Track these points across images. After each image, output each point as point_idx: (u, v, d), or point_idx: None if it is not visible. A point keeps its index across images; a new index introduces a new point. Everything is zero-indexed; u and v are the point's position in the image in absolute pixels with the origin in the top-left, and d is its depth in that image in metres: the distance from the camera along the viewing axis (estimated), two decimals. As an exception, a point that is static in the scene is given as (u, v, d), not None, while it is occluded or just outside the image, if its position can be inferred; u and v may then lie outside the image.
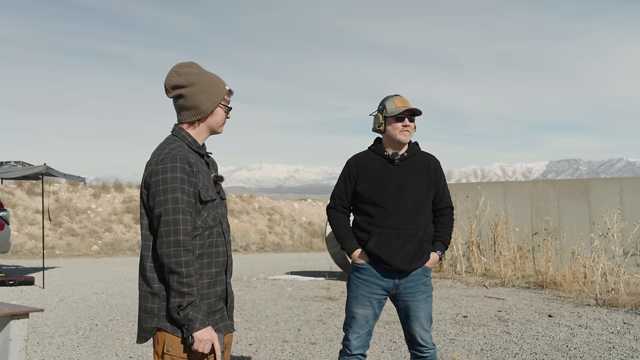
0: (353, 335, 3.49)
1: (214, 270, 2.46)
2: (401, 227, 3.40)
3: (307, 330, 6.94)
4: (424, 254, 3.46)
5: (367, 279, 3.47)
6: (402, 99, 3.50)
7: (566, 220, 12.47)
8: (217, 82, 2.51)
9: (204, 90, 2.47)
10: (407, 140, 3.48)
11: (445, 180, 3.64)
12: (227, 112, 2.55)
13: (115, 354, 5.84)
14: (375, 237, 3.40)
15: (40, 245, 20.23)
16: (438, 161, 3.62)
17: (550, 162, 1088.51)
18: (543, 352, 5.76)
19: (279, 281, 12.15)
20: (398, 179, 3.46)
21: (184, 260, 2.30)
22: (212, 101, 2.48)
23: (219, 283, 2.48)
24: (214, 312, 2.45)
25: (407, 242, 3.40)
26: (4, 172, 11.56)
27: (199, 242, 2.42)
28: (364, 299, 3.47)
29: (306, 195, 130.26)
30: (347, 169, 3.57)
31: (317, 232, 27.08)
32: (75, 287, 11.12)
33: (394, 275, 3.45)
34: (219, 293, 2.48)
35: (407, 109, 3.44)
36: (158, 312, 2.39)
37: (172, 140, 2.48)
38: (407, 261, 3.40)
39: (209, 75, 2.52)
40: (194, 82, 2.46)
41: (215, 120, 2.52)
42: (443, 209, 3.60)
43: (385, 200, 3.41)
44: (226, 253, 2.52)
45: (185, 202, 2.34)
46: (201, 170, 2.46)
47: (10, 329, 3.55)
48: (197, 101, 2.47)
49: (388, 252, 3.38)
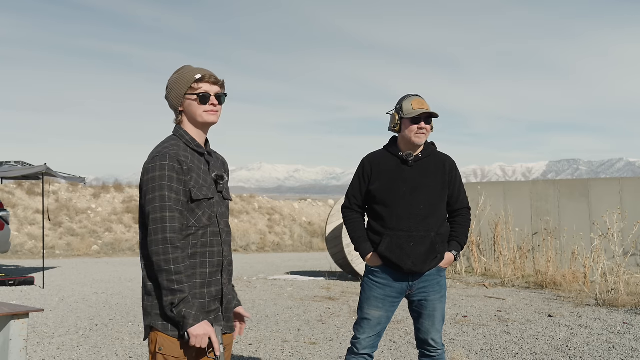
0: (363, 335, 3.49)
1: (207, 270, 2.43)
2: (412, 229, 3.39)
3: (307, 330, 6.94)
4: (437, 255, 3.44)
5: (381, 281, 3.47)
6: (420, 100, 3.46)
7: (566, 220, 12.47)
8: (184, 76, 2.49)
9: (172, 88, 2.52)
10: (422, 143, 3.47)
11: (461, 181, 3.61)
12: (200, 100, 2.46)
13: (115, 354, 5.84)
14: (387, 239, 3.39)
15: (40, 245, 20.22)
16: (454, 162, 3.60)
17: (550, 162, 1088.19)
18: (543, 352, 5.76)
19: (279, 281, 12.15)
20: (412, 180, 3.44)
21: (172, 258, 2.29)
22: (176, 95, 2.50)
23: (213, 283, 2.45)
24: (207, 312, 2.43)
25: (419, 244, 3.38)
26: (4, 172, 11.56)
27: (192, 241, 2.41)
28: (377, 301, 3.47)
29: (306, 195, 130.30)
30: (362, 168, 3.57)
31: (317, 232, 27.07)
32: (75, 287, 11.12)
33: (407, 278, 3.44)
34: (213, 293, 2.45)
35: (423, 111, 3.41)
36: (151, 310, 2.40)
37: (169, 139, 2.50)
38: (420, 263, 3.39)
39: (181, 72, 2.53)
40: (169, 83, 2.54)
41: (191, 111, 2.49)
42: (459, 210, 3.59)
43: (397, 202, 3.40)
44: (222, 253, 2.49)
45: (173, 200, 2.34)
46: (195, 168, 2.45)
47: (10, 329, 3.56)
48: (169, 100, 2.54)
49: (400, 255, 3.37)
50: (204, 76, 2.47)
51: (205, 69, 2.54)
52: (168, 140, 2.49)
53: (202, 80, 2.47)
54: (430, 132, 3.49)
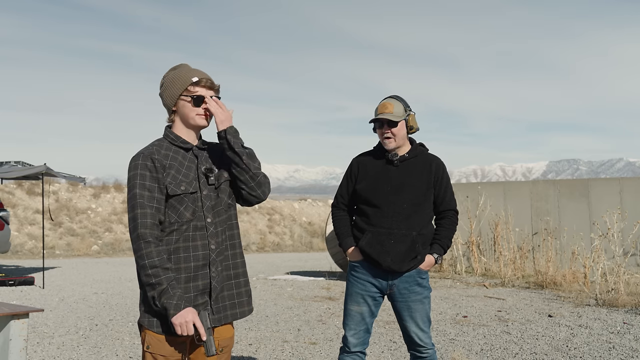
0: (350, 332, 3.52)
1: (192, 264, 2.44)
2: (394, 227, 3.41)
3: (307, 330, 6.94)
4: (417, 255, 3.44)
5: (361, 277, 3.52)
6: (384, 103, 3.49)
7: (566, 220, 12.47)
8: (180, 77, 2.51)
9: (167, 87, 2.53)
10: (391, 147, 3.48)
11: (448, 182, 3.59)
12: (194, 102, 2.49)
13: (115, 354, 5.84)
14: (368, 235, 3.44)
15: (40, 245, 20.23)
16: (442, 163, 3.61)
17: (550, 162, 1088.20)
18: (543, 352, 5.76)
19: (279, 281, 12.15)
20: (396, 179, 3.47)
21: (145, 253, 2.32)
22: (171, 95, 2.51)
23: (200, 277, 2.46)
24: (195, 306, 2.43)
25: (399, 242, 3.40)
26: (4, 172, 11.56)
27: (174, 237, 2.44)
28: (357, 296, 3.51)
29: (306, 195, 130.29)
30: (350, 169, 3.64)
31: (317, 232, 27.08)
32: (75, 287, 11.12)
33: (387, 276, 3.47)
34: (200, 287, 2.46)
35: (377, 117, 3.47)
36: (140, 308, 2.46)
37: (155, 140, 2.56)
38: (398, 261, 3.40)
39: (178, 72, 2.54)
40: (163, 82, 2.56)
41: (183, 112, 2.51)
42: (445, 211, 3.57)
43: (381, 200, 3.44)
44: (207, 246, 2.47)
45: (146, 197, 2.38)
46: (176, 165, 2.48)
47: (10, 329, 3.55)
48: (163, 99, 2.56)
49: (379, 251, 3.40)
50: (200, 80, 2.50)
51: (202, 71, 2.55)
52: (152, 142, 2.55)
53: (198, 84, 2.50)
54: (400, 134, 3.45)
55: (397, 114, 3.45)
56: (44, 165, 11.35)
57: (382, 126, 3.47)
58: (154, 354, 2.41)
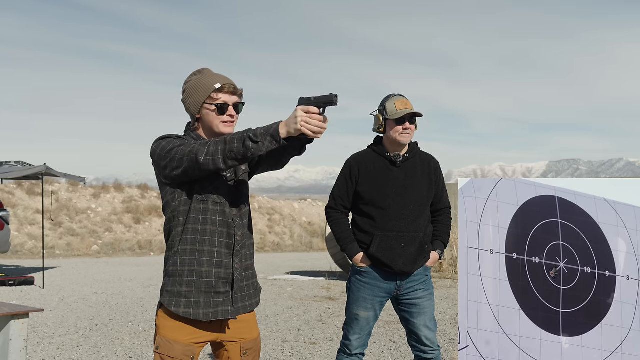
0: (354, 337, 3.48)
1: (216, 249, 2.41)
2: (403, 230, 3.39)
3: (307, 330, 6.94)
4: (426, 255, 3.47)
5: (369, 281, 3.45)
6: (403, 100, 3.44)
7: (566, 220, 12.46)
8: (203, 83, 2.47)
9: (189, 94, 2.50)
10: (407, 142, 3.46)
11: (444, 180, 3.64)
12: (218, 111, 2.45)
13: (115, 354, 5.84)
14: (378, 240, 3.38)
15: (40, 245, 20.23)
16: (437, 162, 3.63)
17: (550, 162, 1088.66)
18: (543, 352, 5.76)
19: (279, 281, 12.16)
20: (400, 180, 3.44)
21: (213, 141, 2.29)
22: (194, 103, 2.48)
23: (223, 265, 2.42)
24: (216, 293, 2.41)
25: (409, 245, 3.39)
26: (4, 172, 11.56)
27: (201, 215, 2.41)
28: (365, 302, 3.46)
29: (306, 195, 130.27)
30: (349, 169, 3.53)
31: (317, 232, 27.07)
32: (75, 287, 11.12)
33: (395, 278, 3.44)
34: (222, 275, 2.42)
35: (407, 112, 3.40)
36: (163, 289, 2.46)
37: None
38: (410, 263, 3.40)
39: (200, 78, 2.50)
40: (186, 88, 2.53)
41: (208, 120, 2.48)
42: (442, 209, 3.61)
43: (387, 202, 3.40)
44: (234, 237, 2.45)
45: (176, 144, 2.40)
46: None
47: (10, 329, 3.56)
48: (186, 106, 2.54)
49: (391, 256, 3.37)
50: (223, 86, 2.45)
51: (224, 76, 2.51)
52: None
53: (221, 91, 2.45)
54: (414, 131, 3.49)
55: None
56: (44, 165, 11.35)
57: (403, 122, 3.40)
58: (162, 355, 2.38)
